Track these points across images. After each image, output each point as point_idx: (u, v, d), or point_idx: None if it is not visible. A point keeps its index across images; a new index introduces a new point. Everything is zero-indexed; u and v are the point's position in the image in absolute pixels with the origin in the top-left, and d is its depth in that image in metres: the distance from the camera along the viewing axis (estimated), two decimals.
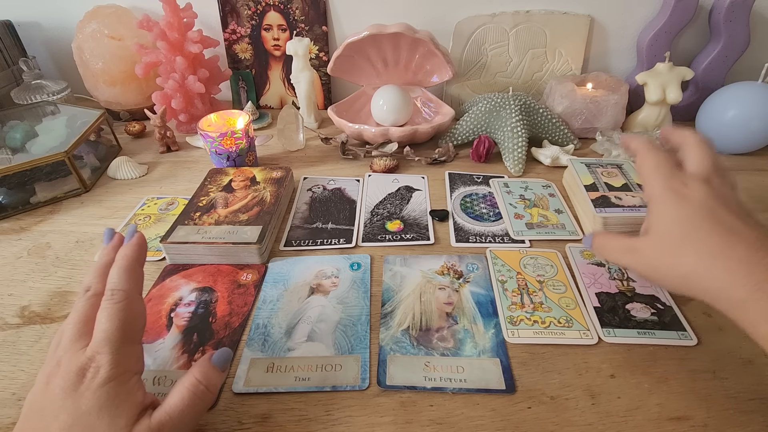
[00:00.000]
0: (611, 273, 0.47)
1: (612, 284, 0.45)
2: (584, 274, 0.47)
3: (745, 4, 0.68)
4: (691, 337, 0.40)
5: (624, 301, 0.43)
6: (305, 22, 0.81)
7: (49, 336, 0.42)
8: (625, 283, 0.45)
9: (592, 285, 0.45)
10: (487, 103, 0.68)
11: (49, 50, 0.90)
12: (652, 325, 0.41)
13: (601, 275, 0.47)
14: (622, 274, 0.47)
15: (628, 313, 0.42)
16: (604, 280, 0.46)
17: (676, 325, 0.41)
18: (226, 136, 0.61)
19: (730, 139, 0.67)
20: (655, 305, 0.43)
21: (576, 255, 0.49)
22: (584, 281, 0.46)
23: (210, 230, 0.49)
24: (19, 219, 0.58)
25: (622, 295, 0.44)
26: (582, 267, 0.48)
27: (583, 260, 0.49)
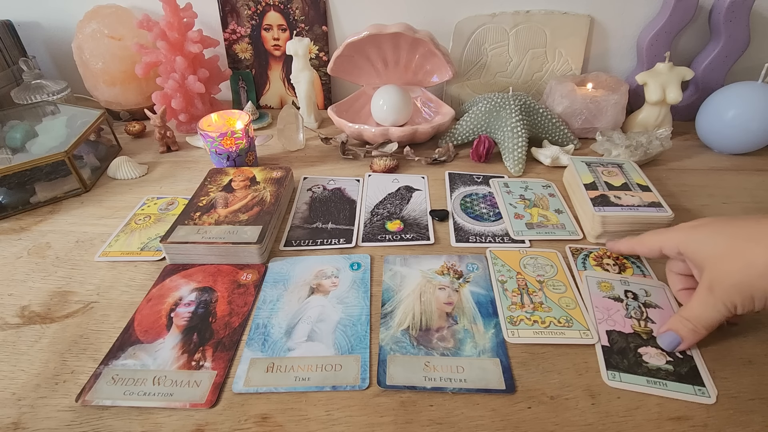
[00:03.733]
0: (628, 310, 0.42)
1: (627, 323, 0.41)
2: (597, 308, 0.42)
3: (745, 4, 0.68)
4: (709, 394, 0.35)
5: (637, 344, 0.39)
6: (305, 22, 0.81)
7: (50, 336, 0.42)
8: (642, 324, 0.40)
9: (604, 321, 0.41)
10: (487, 103, 0.68)
11: (49, 50, 0.90)
12: (666, 374, 0.36)
13: (617, 311, 0.42)
14: (640, 312, 0.41)
15: (639, 357, 0.38)
16: (619, 317, 0.41)
17: (694, 378, 0.36)
18: (226, 136, 0.61)
19: (730, 139, 0.67)
20: (674, 353, 0.38)
21: (592, 286, 0.45)
22: (596, 316, 0.41)
23: (210, 230, 0.49)
24: (19, 219, 0.58)
25: (637, 336, 0.39)
26: (597, 300, 0.43)
27: (598, 292, 0.44)
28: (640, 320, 0.41)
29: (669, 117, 0.73)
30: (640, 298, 0.43)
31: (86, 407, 0.36)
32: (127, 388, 0.37)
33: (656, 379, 0.36)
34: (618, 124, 0.72)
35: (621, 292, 0.44)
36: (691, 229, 0.38)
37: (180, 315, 0.43)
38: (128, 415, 0.35)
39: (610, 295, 0.43)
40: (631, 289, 0.44)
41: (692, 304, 0.37)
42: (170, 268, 0.49)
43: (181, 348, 0.40)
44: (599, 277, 0.45)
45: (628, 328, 0.40)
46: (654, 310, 0.42)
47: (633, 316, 0.41)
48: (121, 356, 0.39)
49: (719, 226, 0.37)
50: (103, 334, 0.42)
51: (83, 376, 0.38)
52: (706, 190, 0.61)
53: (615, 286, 0.44)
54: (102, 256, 0.51)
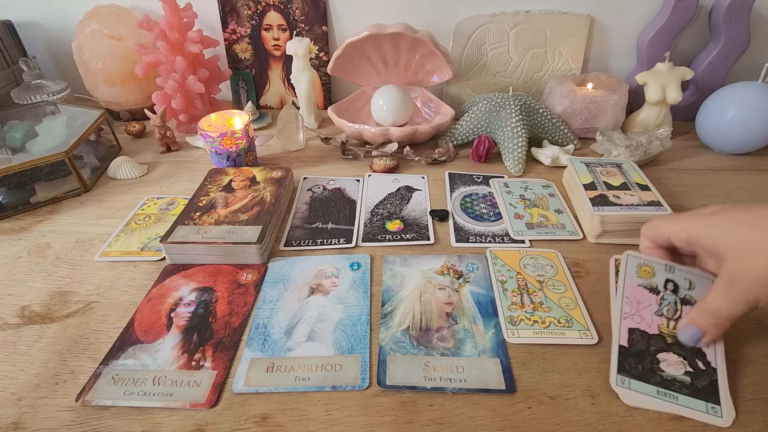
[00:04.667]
0: (661, 306, 0.37)
1: (655, 322, 0.36)
2: (627, 299, 0.38)
3: (745, 4, 0.68)
4: (722, 414, 0.32)
5: (659, 348, 0.35)
6: (305, 22, 0.81)
7: (50, 335, 0.42)
8: (672, 324, 0.36)
9: (630, 316, 0.37)
10: (487, 103, 0.68)
11: (49, 50, 0.90)
12: (680, 386, 0.33)
13: (647, 306, 0.37)
14: (674, 310, 0.37)
15: (657, 364, 0.35)
16: (648, 313, 0.37)
17: (711, 395, 0.33)
18: (226, 136, 0.61)
19: (730, 139, 0.67)
20: (695, 363, 0.34)
21: (631, 269, 0.39)
22: (623, 309, 0.37)
23: (210, 230, 0.49)
24: (19, 219, 0.58)
25: (660, 339, 0.35)
26: (630, 288, 0.38)
27: (635, 278, 0.38)
28: (670, 320, 0.36)
29: (669, 117, 0.73)
30: (680, 290, 0.37)
31: (86, 407, 0.36)
32: (127, 388, 0.37)
33: (668, 391, 0.33)
34: (618, 124, 0.72)
35: (661, 281, 0.37)
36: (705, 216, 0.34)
37: (180, 315, 0.43)
38: (128, 415, 0.35)
39: (647, 283, 0.38)
40: (674, 278, 0.38)
41: (713, 296, 0.34)
42: (170, 268, 0.49)
43: (181, 348, 0.40)
44: (642, 260, 0.39)
45: (654, 327, 0.36)
46: (691, 308, 0.37)
47: (664, 314, 0.36)
48: (121, 356, 0.39)
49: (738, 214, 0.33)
50: (103, 334, 0.42)
51: (83, 376, 0.38)
52: (706, 190, 0.61)
53: (657, 271, 0.38)
54: (102, 256, 0.51)
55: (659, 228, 0.37)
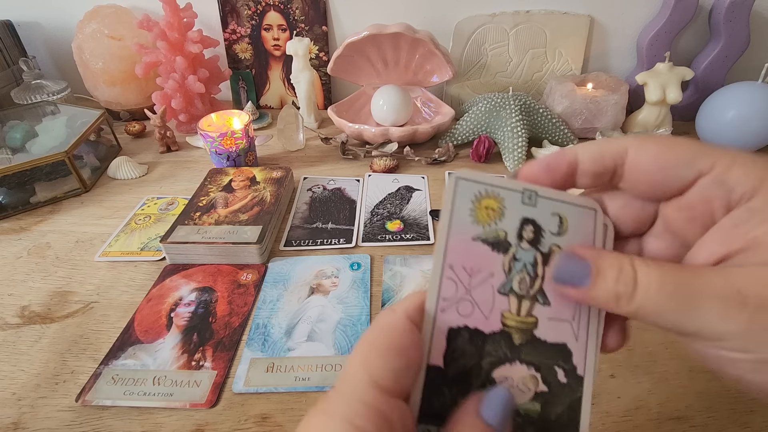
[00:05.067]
0: (510, 275, 0.19)
1: (497, 308, 0.19)
2: (452, 270, 0.20)
3: (745, 4, 0.68)
4: None
5: (496, 359, 0.19)
6: (305, 22, 0.81)
7: (50, 335, 0.42)
8: (525, 306, 0.19)
9: (453, 305, 0.19)
10: (487, 103, 0.68)
11: (49, 50, 0.90)
12: (522, 424, 0.19)
13: (486, 278, 0.19)
14: (530, 279, 0.19)
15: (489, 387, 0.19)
16: (486, 294, 0.19)
17: (565, 427, 0.19)
18: (226, 136, 0.61)
19: (730, 139, 0.67)
20: (552, 374, 0.19)
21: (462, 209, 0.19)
22: (441, 292, 0.19)
23: (210, 230, 0.49)
24: (19, 219, 0.58)
25: (503, 340, 0.19)
26: (458, 247, 0.20)
27: (468, 225, 0.20)
28: (523, 297, 0.19)
29: (669, 117, 0.73)
30: (543, 239, 0.20)
31: (86, 407, 0.36)
32: (127, 388, 0.37)
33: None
34: (618, 124, 0.72)
35: (513, 224, 0.20)
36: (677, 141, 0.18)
37: (180, 315, 0.43)
38: (128, 415, 0.35)
39: (488, 234, 0.19)
40: (535, 215, 0.20)
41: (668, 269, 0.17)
42: (170, 268, 0.49)
43: (181, 348, 0.40)
44: (482, 185, 0.20)
45: (496, 319, 0.19)
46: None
47: (514, 290, 0.19)
48: (121, 356, 0.39)
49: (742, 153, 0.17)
50: (103, 334, 0.42)
51: (83, 376, 0.38)
52: None
53: (508, 206, 0.20)
54: (102, 256, 0.51)
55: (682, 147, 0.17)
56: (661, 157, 0.17)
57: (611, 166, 0.18)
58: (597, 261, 0.17)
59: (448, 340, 0.18)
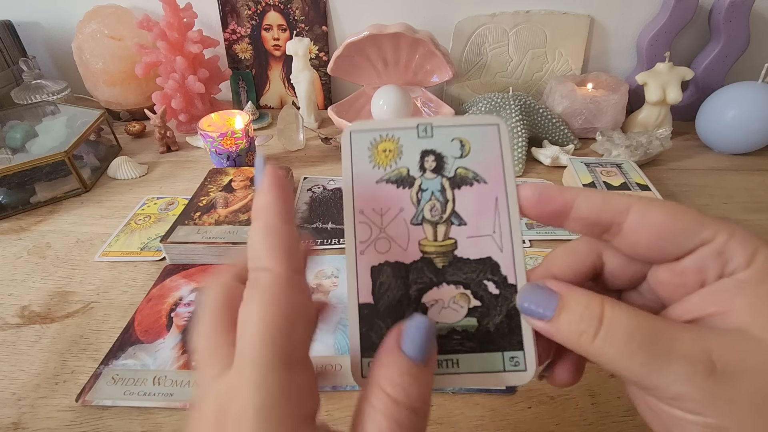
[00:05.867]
0: (419, 206, 0.20)
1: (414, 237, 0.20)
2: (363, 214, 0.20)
3: (745, 4, 0.68)
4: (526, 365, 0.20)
5: (423, 286, 0.20)
6: (305, 22, 0.81)
7: (50, 336, 0.42)
8: (441, 231, 0.20)
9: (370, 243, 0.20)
10: (487, 103, 0.68)
11: (49, 50, 0.90)
12: (461, 341, 0.20)
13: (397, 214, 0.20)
14: (441, 206, 0.20)
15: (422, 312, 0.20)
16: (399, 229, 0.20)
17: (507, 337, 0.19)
18: (226, 136, 0.61)
19: (730, 139, 0.67)
20: (483, 288, 0.20)
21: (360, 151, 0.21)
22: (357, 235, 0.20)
23: (210, 230, 0.49)
24: (19, 219, 0.58)
25: (426, 265, 0.20)
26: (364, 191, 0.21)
27: (369, 170, 0.21)
28: (437, 224, 0.20)
29: (669, 117, 0.73)
30: (447, 164, 0.20)
31: (86, 407, 0.36)
32: (127, 388, 0.36)
33: (445, 356, 0.19)
34: (618, 124, 0.72)
35: (414, 159, 0.20)
36: None
37: (180, 315, 0.43)
38: (128, 415, 0.35)
39: (391, 174, 0.20)
40: (433, 146, 0.20)
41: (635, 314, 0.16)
42: (170, 268, 0.49)
43: (182, 348, 0.40)
44: (376, 132, 0.21)
45: (414, 249, 0.20)
46: (468, 191, 0.20)
47: (426, 218, 0.20)
48: (121, 356, 0.39)
49: None
50: (103, 334, 0.42)
51: (83, 376, 0.38)
52: (706, 190, 0.61)
53: (404, 144, 0.20)
54: (102, 256, 0.51)
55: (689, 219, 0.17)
56: (665, 225, 0.17)
57: (607, 222, 0.18)
58: (565, 295, 0.17)
59: (373, 277, 0.20)
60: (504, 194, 0.20)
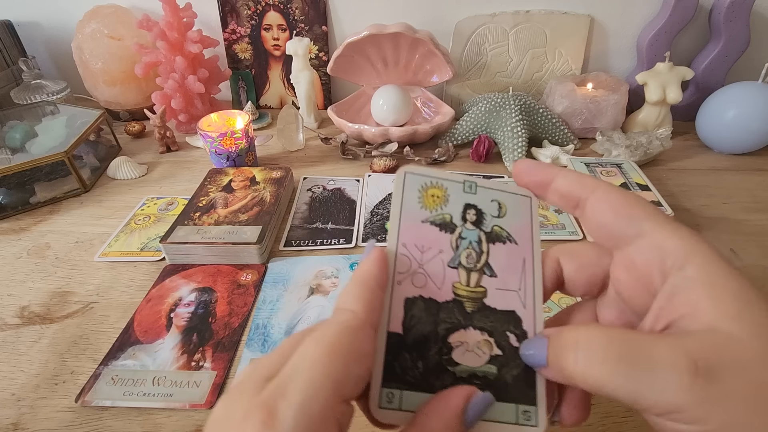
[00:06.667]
0: (457, 251, 0.22)
1: (448, 279, 0.21)
2: (405, 246, 0.22)
3: (745, 4, 0.68)
4: (536, 420, 0.20)
5: (451, 326, 0.21)
6: (305, 22, 0.81)
7: (49, 336, 0.42)
8: (473, 279, 0.22)
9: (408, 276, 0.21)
10: (487, 103, 0.68)
11: (49, 50, 0.90)
12: (482, 385, 0.20)
13: (436, 254, 0.22)
14: (476, 255, 0.22)
15: (446, 354, 0.20)
16: (437, 266, 0.21)
17: (523, 390, 0.20)
18: (226, 136, 0.61)
19: (730, 139, 0.67)
20: (505, 339, 0.21)
21: (410, 195, 0.22)
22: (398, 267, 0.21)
23: (210, 230, 0.49)
24: (19, 219, 0.58)
25: (456, 307, 0.21)
26: (409, 228, 0.22)
27: (417, 210, 0.22)
28: (471, 271, 0.22)
29: (669, 117, 0.72)
30: (486, 221, 0.23)
31: (86, 408, 0.36)
32: (126, 388, 0.36)
33: None
34: (618, 124, 0.72)
35: (458, 209, 0.23)
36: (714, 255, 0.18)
37: (180, 315, 0.43)
38: (128, 416, 0.35)
39: (436, 216, 0.22)
40: (476, 201, 0.23)
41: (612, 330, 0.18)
42: (170, 269, 0.49)
43: (181, 348, 0.40)
44: (428, 178, 0.23)
45: (448, 289, 0.21)
46: (501, 248, 0.22)
47: (462, 264, 0.22)
48: (121, 357, 0.39)
49: None
50: (103, 334, 0.42)
51: (83, 377, 0.38)
52: (706, 190, 0.61)
53: (451, 194, 0.23)
54: (102, 256, 0.51)
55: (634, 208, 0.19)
56: (618, 208, 0.19)
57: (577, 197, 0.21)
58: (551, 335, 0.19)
59: (406, 308, 0.20)
60: (531, 258, 0.22)
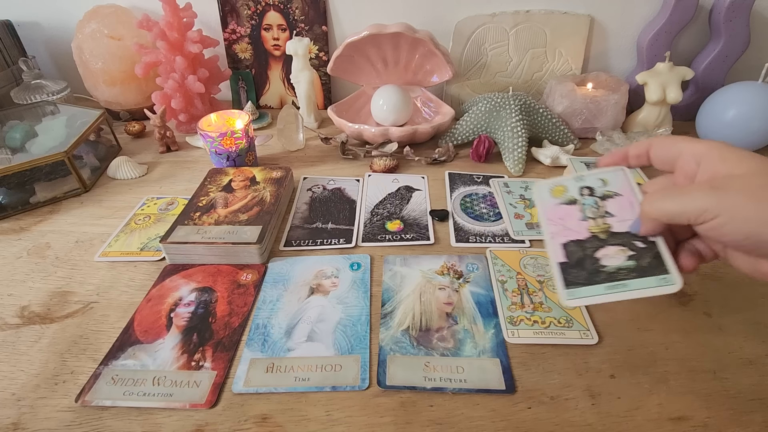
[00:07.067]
0: (584, 212, 0.36)
1: (583, 227, 0.35)
2: (551, 220, 0.37)
3: (745, 4, 0.68)
4: (675, 281, 0.31)
5: (595, 247, 0.34)
6: (305, 22, 0.81)
7: (49, 336, 0.42)
8: (600, 222, 0.35)
9: (559, 234, 0.36)
10: (487, 103, 0.68)
11: (49, 50, 0.90)
12: (626, 273, 0.32)
13: (572, 217, 0.36)
14: (596, 209, 0.36)
15: (597, 262, 0.33)
16: (574, 223, 0.36)
17: (657, 267, 0.32)
18: (226, 136, 0.61)
19: (730, 139, 0.67)
20: (634, 245, 0.33)
21: (544, 195, 0.38)
22: (550, 229, 0.36)
23: (210, 230, 0.49)
24: (19, 219, 0.58)
25: (594, 239, 0.34)
26: (550, 211, 0.37)
27: (551, 200, 0.38)
28: (597, 218, 0.35)
29: (669, 117, 0.72)
30: (596, 191, 0.37)
31: (86, 407, 0.36)
32: (126, 388, 0.36)
33: (615, 282, 0.32)
34: (618, 123, 0.72)
35: (576, 191, 0.37)
36: (726, 144, 0.31)
37: (180, 315, 0.43)
38: (128, 416, 0.35)
39: (564, 200, 0.37)
40: (587, 183, 0.37)
41: (673, 188, 0.31)
42: (170, 269, 0.49)
43: (181, 348, 0.40)
44: (551, 183, 0.38)
45: (585, 232, 0.35)
46: (612, 201, 0.36)
47: (589, 216, 0.36)
48: (121, 356, 0.39)
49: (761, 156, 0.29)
50: (103, 334, 0.42)
51: (83, 377, 0.38)
52: None
53: (569, 186, 0.38)
54: (102, 256, 0.51)
55: (674, 143, 0.33)
56: (665, 144, 0.33)
57: (644, 153, 0.34)
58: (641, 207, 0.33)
59: (564, 248, 0.35)
60: (635, 199, 0.35)
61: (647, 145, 0.34)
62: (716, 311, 0.42)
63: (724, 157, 0.29)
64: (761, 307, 0.43)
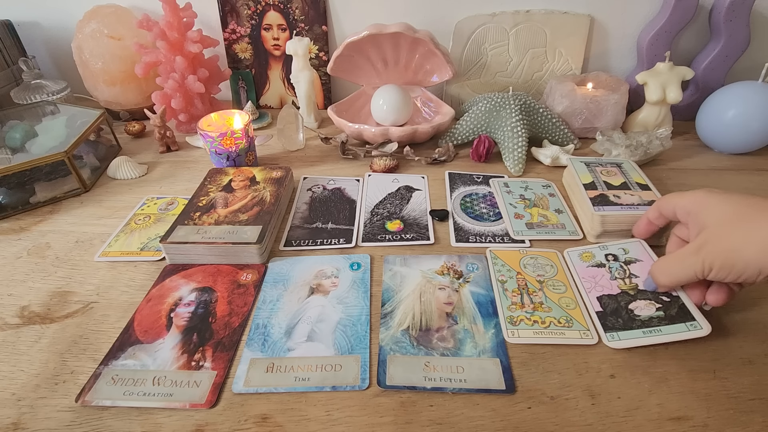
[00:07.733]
0: (612, 273, 0.45)
1: (614, 285, 0.43)
2: (584, 279, 0.45)
3: (745, 4, 0.68)
4: (701, 326, 0.37)
5: (627, 301, 0.41)
6: (305, 22, 0.81)
7: (49, 336, 0.42)
8: (628, 282, 0.43)
9: (593, 289, 0.44)
10: (487, 102, 0.68)
11: (49, 50, 0.90)
12: (658, 321, 0.39)
13: (602, 277, 0.45)
14: (623, 271, 0.44)
15: (631, 312, 0.40)
16: (605, 281, 0.44)
17: (684, 316, 0.39)
18: (226, 135, 0.61)
19: (730, 139, 0.67)
20: (660, 299, 0.40)
21: (575, 259, 0.48)
22: (584, 286, 0.44)
23: (210, 230, 0.49)
24: (19, 219, 0.58)
25: (625, 294, 0.42)
26: (582, 271, 0.46)
27: (582, 263, 0.47)
28: (624, 279, 0.44)
29: (669, 117, 0.72)
30: (620, 257, 0.46)
31: (86, 407, 0.36)
32: (126, 388, 0.37)
33: (651, 328, 0.39)
34: (618, 123, 0.72)
35: (602, 257, 0.47)
36: (708, 192, 0.39)
37: (180, 315, 0.43)
38: (128, 416, 0.35)
39: (592, 263, 0.46)
40: (610, 252, 0.47)
41: (672, 257, 0.40)
42: (170, 268, 0.49)
43: (181, 348, 0.40)
44: (579, 250, 0.49)
45: (616, 288, 0.43)
46: (635, 265, 0.45)
47: (618, 277, 0.44)
48: (121, 356, 0.39)
49: (733, 195, 0.38)
50: (103, 334, 0.42)
51: (83, 377, 0.38)
52: None
53: (595, 253, 0.47)
54: (102, 256, 0.51)
55: (669, 200, 0.42)
56: (665, 203, 0.43)
57: (658, 213, 0.45)
58: (653, 274, 0.42)
59: (599, 300, 0.42)
60: (651, 260, 0.45)
61: (657, 207, 0.44)
62: (716, 311, 0.42)
63: (706, 205, 0.37)
64: (761, 307, 0.43)
